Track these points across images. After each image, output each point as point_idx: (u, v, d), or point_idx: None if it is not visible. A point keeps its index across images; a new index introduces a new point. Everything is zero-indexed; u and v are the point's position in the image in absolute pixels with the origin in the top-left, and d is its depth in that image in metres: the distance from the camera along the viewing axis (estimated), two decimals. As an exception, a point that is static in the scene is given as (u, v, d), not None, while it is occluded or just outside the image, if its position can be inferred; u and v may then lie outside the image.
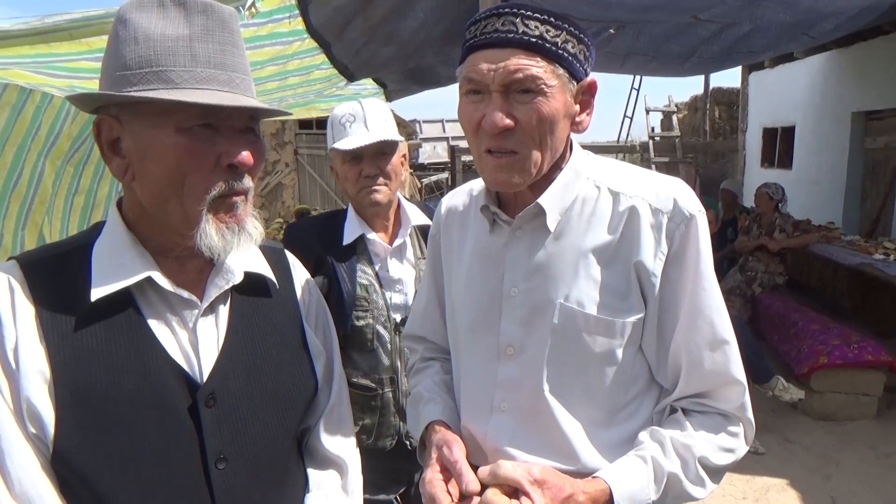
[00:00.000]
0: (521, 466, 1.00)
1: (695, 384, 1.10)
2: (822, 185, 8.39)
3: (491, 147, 1.05)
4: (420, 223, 1.91)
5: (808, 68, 8.60)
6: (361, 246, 1.86)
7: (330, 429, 1.18)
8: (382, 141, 1.76)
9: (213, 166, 0.91)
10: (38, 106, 3.49)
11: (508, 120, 1.01)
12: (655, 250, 1.06)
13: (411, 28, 3.37)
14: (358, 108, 1.81)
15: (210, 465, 0.95)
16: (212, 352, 0.99)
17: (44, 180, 3.77)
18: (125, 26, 0.89)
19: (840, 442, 4.09)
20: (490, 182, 1.10)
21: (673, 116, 12.48)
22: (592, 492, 1.00)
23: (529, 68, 1.00)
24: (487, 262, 1.18)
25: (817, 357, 4.37)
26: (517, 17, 1.00)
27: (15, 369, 0.86)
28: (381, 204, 1.81)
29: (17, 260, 0.94)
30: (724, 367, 1.09)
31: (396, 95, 5.61)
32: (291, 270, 1.19)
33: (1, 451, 0.84)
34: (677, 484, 1.05)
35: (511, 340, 1.13)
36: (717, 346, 1.08)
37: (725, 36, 4.77)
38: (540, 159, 1.06)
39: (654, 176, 1.15)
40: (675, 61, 5.51)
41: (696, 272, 1.07)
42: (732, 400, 1.11)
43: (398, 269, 1.87)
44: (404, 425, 1.85)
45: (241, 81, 0.93)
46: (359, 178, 1.79)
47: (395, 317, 1.84)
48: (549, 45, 1.01)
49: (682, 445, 1.06)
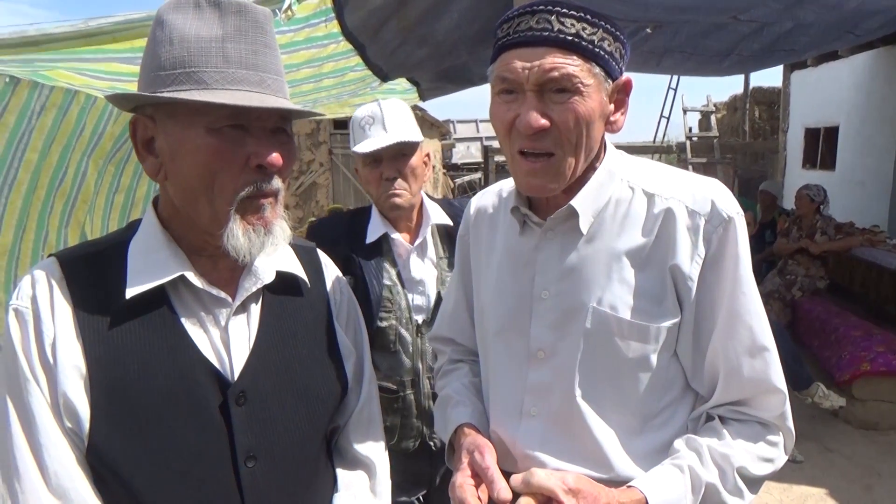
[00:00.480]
0: (556, 475, 0.97)
1: (733, 392, 1.06)
2: (867, 186, 8.14)
3: (525, 148, 1.02)
4: (439, 222, 1.89)
5: (853, 67, 8.36)
6: (386, 245, 1.85)
7: (359, 429, 1.19)
8: (400, 142, 1.74)
9: (243, 167, 0.92)
10: (83, 107, 3.59)
11: (544, 120, 0.99)
12: (692, 253, 1.03)
13: (445, 28, 3.37)
14: (377, 109, 1.80)
15: (240, 463, 0.96)
16: (243, 350, 0.99)
17: (87, 179, 3.88)
18: (162, 27, 0.90)
19: (882, 452, 3.96)
20: (523, 187, 1.08)
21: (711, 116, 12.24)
22: (628, 501, 0.97)
23: (566, 67, 0.97)
24: (518, 265, 1.16)
25: (860, 364, 4.24)
26: (552, 15, 0.98)
27: (53, 364, 0.88)
28: (402, 207, 1.80)
29: (56, 257, 0.96)
30: (763, 375, 1.05)
31: (430, 95, 5.61)
32: (323, 269, 1.19)
33: (39, 444, 0.87)
34: (715, 495, 1.02)
35: (542, 344, 1.11)
36: (756, 352, 1.05)
37: (766, 33, 4.65)
38: (574, 162, 1.04)
39: (691, 177, 1.11)
40: (713, 59, 5.39)
41: (735, 276, 1.03)
42: (772, 408, 1.07)
43: (420, 270, 1.86)
44: (426, 427, 1.84)
45: (272, 82, 0.94)
46: (380, 180, 1.78)
47: (416, 318, 1.83)
48: (585, 43, 0.98)
49: (720, 455, 1.03)
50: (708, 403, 1.09)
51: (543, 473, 0.96)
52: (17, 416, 0.87)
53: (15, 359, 0.88)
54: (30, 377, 0.88)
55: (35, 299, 0.91)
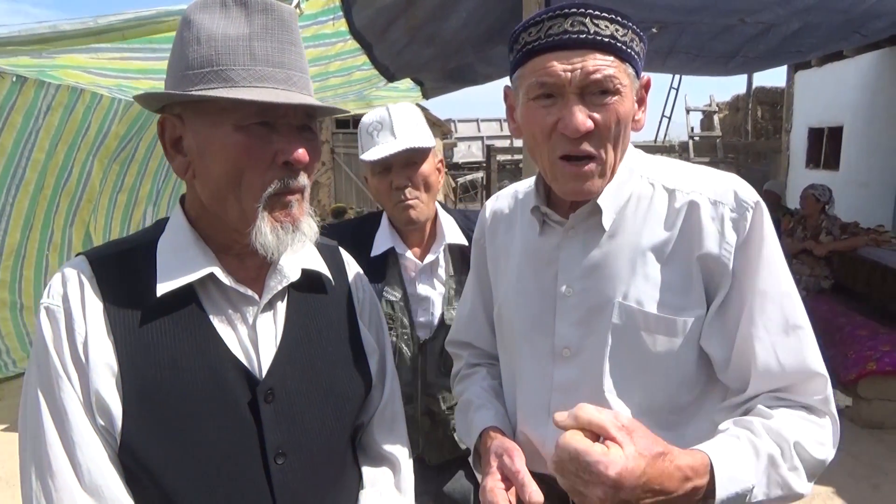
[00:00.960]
0: (607, 411, 0.88)
1: (771, 379, 1.00)
2: (872, 187, 8.14)
3: (570, 152, 1.01)
4: (455, 241, 1.77)
5: (859, 67, 8.36)
6: (392, 258, 1.75)
7: (383, 426, 1.19)
8: (410, 149, 1.63)
9: (270, 164, 0.92)
10: (88, 106, 3.59)
11: (590, 122, 0.99)
12: (720, 241, 1.02)
13: (453, 28, 3.37)
14: (385, 114, 1.70)
15: (269, 460, 0.96)
16: (270, 348, 1.00)
17: (91, 179, 3.88)
18: (189, 27, 0.91)
19: (889, 450, 3.95)
20: (566, 191, 1.06)
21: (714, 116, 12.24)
22: (693, 462, 0.87)
23: (606, 68, 0.97)
24: (539, 264, 1.16)
25: (865, 363, 4.24)
26: (586, 18, 0.98)
27: (85, 362, 0.88)
28: (417, 222, 1.69)
29: (86, 256, 0.96)
30: (799, 356, 1.00)
31: (433, 94, 5.62)
32: (346, 268, 1.20)
33: (72, 442, 0.86)
34: (777, 469, 0.91)
35: (567, 342, 1.11)
36: (789, 331, 1.00)
37: (773, 35, 4.65)
38: (614, 160, 1.04)
39: (708, 171, 1.12)
40: (718, 60, 5.39)
41: (762, 258, 1.01)
42: (814, 391, 1.00)
43: (427, 288, 1.76)
44: (422, 442, 1.80)
45: (298, 79, 0.94)
46: (390, 189, 1.68)
47: (419, 335, 1.75)
48: (620, 43, 0.99)
49: (774, 430, 0.94)
50: (744, 394, 1.03)
51: (593, 408, 0.88)
52: (50, 413, 0.87)
53: (47, 357, 0.88)
54: (62, 375, 0.88)
55: (66, 298, 0.91)
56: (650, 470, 0.83)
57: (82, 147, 3.69)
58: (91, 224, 4.16)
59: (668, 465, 0.85)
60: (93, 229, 4.21)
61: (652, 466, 0.83)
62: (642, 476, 0.82)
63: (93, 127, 3.69)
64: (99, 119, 3.72)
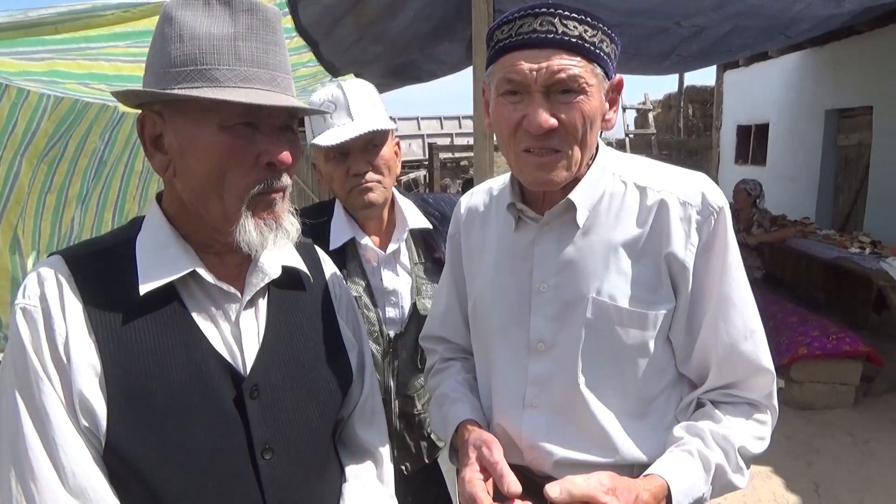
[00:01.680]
0: (592, 478, 0.97)
1: (727, 374, 1.10)
2: (797, 181, 8.56)
3: (532, 147, 1.05)
4: (418, 226, 1.66)
5: (783, 67, 8.77)
6: (351, 250, 1.61)
7: (364, 420, 1.20)
8: (371, 131, 1.49)
9: (253, 164, 0.92)
10: (14, 102, 3.41)
11: (553, 120, 1.01)
12: (686, 242, 1.07)
13: (400, 26, 3.37)
14: (339, 93, 1.54)
15: (257, 455, 0.96)
16: (253, 344, 1.00)
17: (20, 179, 3.69)
18: (171, 24, 0.89)
19: (820, 430, 4.18)
20: (530, 181, 1.09)
21: (649, 114, 12.61)
22: (653, 489, 0.99)
23: (572, 68, 1.00)
24: (515, 260, 1.18)
25: (797, 348, 4.46)
26: (555, 17, 1.00)
27: (66, 363, 0.86)
28: (377, 204, 1.56)
29: (62, 255, 0.94)
30: (754, 356, 1.09)
31: (378, 91, 5.60)
32: (322, 265, 1.20)
33: (54, 444, 0.84)
34: (723, 476, 1.05)
35: (542, 336, 1.14)
36: (748, 335, 1.09)
37: (705, 36, 4.86)
38: (580, 157, 1.07)
39: (678, 170, 1.16)
40: (655, 60, 5.58)
41: (725, 263, 1.08)
42: (761, 388, 1.11)
43: (392, 279, 1.63)
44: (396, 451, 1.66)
45: (282, 80, 0.94)
46: (346, 176, 1.54)
47: (388, 332, 1.62)
48: (588, 44, 1.01)
49: (721, 436, 1.06)
50: (700, 388, 1.13)
51: (581, 480, 0.96)
52: (30, 416, 0.85)
53: (25, 358, 0.86)
54: (42, 376, 0.86)
55: (44, 297, 0.89)
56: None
57: (9, 146, 3.50)
58: (19, 227, 3.96)
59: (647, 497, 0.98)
60: (21, 232, 4.00)
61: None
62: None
63: (20, 125, 3.50)
64: (27, 116, 3.54)
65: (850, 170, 7.72)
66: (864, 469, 3.69)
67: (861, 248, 5.41)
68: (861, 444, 3.97)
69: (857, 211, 7.48)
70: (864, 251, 5.31)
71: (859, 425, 4.20)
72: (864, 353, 4.37)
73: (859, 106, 7.27)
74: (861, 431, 4.12)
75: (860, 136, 7.35)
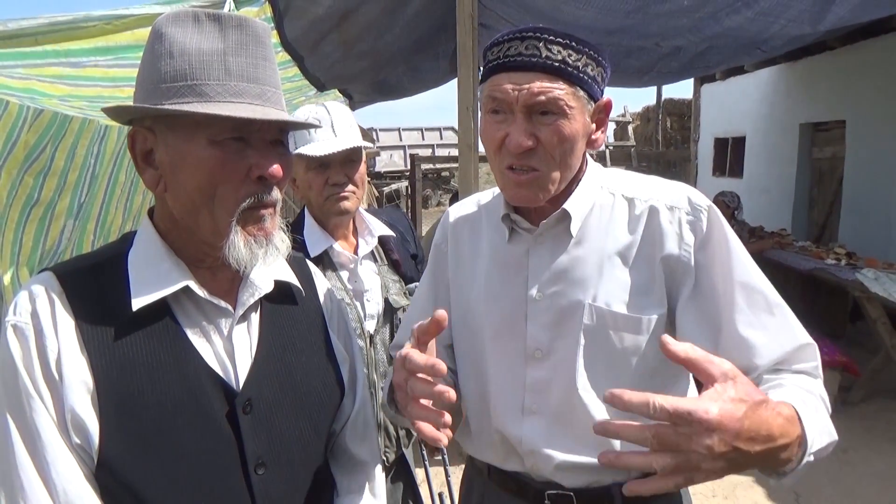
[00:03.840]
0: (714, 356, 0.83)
1: (769, 354, 1.06)
2: (772, 193, 8.72)
3: (513, 164, 1.09)
4: (384, 233, 1.88)
5: (758, 81, 8.94)
6: (327, 257, 1.79)
7: (356, 433, 1.20)
8: (352, 148, 1.70)
9: (244, 178, 0.92)
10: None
11: (530, 141, 1.06)
12: (679, 243, 1.11)
13: (385, 42, 3.39)
14: (323, 112, 1.74)
15: (250, 471, 0.96)
16: (246, 359, 1.00)
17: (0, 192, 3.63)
18: (161, 40, 0.89)
19: (799, 440, 4.23)
20: (512, 198, 1.14)
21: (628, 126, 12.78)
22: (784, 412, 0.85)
23: (552, 91, 1.04)
24: (509, 270, 1.21)
25: (776, 359, 4.51)
26: (540, 42, 1.05)
27: (58, 380, 0.86)
28: (350, 211, 1.75)
29: (53, 271, 0.93)
30: (788, 330, 1.08)
31: (360, 105, 5.63)
32: (314, 279, 1.21)
33: (46, 462, 0.84)
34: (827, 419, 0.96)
35: (539, 344, 1.16)
36: (774, 310, 1.09)
37: (684, 54, 4.96)
38: (559, 177, 1.11)
39: (661, 181, 1.21)
40: (634, 75, 5.67)
41: (730, 251, 1.10)
42: (809, 359, 1.08)
43: (365, 280, 1.82)
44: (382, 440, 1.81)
45: (272, 95, 0.94)
46: (325, 185, 1.72)
47: (367, 328, 1.79)
48: (570, 69, 1.05)
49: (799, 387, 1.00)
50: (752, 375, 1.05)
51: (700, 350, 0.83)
52: (21, 434, 0.85)
53: (16, 376, 0.86)
54: (33, 394, 0.85)
55: (35, 314, 0.88)
56: (751, 414, 0.79)
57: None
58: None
59: (769, 412, 0.82)
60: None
61: (753, 411, 0.80)
62: (744, 419, 0.78)
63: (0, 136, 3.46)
64: (7, 128, 3.49)
65: (824, 182, 7.87)
66: (845, 479, 3.74)
67: (837, 259, 5.51)
68: (840, 454, 4.02)
69: (831, 222, 7.62)
70: (840, 262, 5.41)
71: (838, 435, 4.26)
72: (841, 363, 4.44)
73: (832, 120, 7.43)
74: (840, 441, 4.15)
75: (834, 150, 7.51)
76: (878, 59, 6.54)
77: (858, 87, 6.83)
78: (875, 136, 6.60)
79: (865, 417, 4.48)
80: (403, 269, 1.93)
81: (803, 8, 3.57)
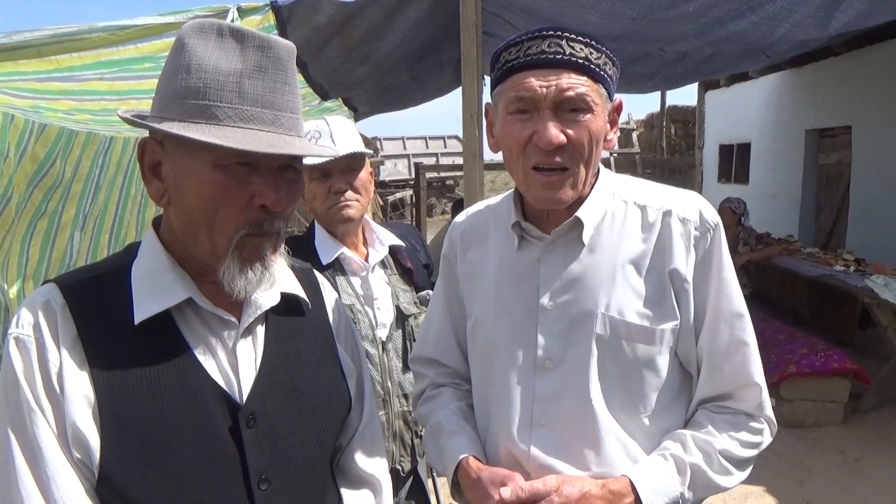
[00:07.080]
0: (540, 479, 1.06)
1: (715, 385, 1.14)
2: (779, 199, 8.68)
3: (541, 163, 1.07)
4: (394, 243, 1.88)
5: (763, 87, 8.92)
6: (338, 264, 1.80)
7: (363, 448, 1.17)
8: (350, 155, 1.70)
9: (246, 204, 0.91)
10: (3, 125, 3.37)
11: (563, 136, 1.04)
12: (686, 258, 1.11)
13: (388, 47, 3.39)
14: (323, 124, 1.77)
15: (253, 486, 0.94)
16: (250, 372, 0.98)
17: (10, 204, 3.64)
18: (182, 53, 0.89)
19: (810, 448, 4.19)
20: (538, 198, 1.12)
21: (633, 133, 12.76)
22: (609, 483, 1.06)
23: (580, 87, 1.04)
24: (519, 278, 1.18)
25: (786, 366, 4.48)
26: (563, 40, 1.05)
27: (60, 394, 0.85)
28: (354, 219, 1.76)
29: (56, 283, 0.92)
30: (742, 369, 1.13)
31: (364, 117, 5.64)
32: (322, 290, 1.19)
33: (46, 477, 0.83)
34: (702, 475, 1.09)
35: (549, 353, 1.14)
36: (736, 347, 1.12)
37: (688, 59, 4.95)
38: (585, 175, 1.10)
39: (673, 189, 1.20)
40: (639, 81, 5.67)
41: (721, 279, 1.11)
42: (750, 400, 1.14)
43: (376, 287, 1.82)
44: (397, 449, 1.80)
45: (286, 120, 0.92)
46: (328, 194, 1.73)
47: (379, 335, 1.78)
48: (594, 65, 1.06)
49: (703, 441, 1.10)
50: (694, 400, 1.17)
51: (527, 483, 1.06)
52: (21, 449, 0.83)
53: (18, 390, 0.85)
54: (35, 408, 0.84)
55: (38, 327, 0.87)
56: None
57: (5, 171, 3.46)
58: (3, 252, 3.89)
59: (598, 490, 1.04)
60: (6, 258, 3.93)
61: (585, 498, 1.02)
62: None
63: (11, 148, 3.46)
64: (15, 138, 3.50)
65: (831, 188, 7.84)
66: (857, 487, 3.69)
67: (846, 265, 5.46)
68: (852, 462, 3.98)
69: (838, 228, 7.58)
70: (849, 269, 5.36)
71: (849, 443, 4.21)
72: (852, 370, 4.39)
73: (838, 126, 7.40)
74: (851, 449, 4.13)
75: (840, 155, 7.48)
76: (883, 65, 6.52)
77: (864, 92, 6.80)
78: (882, 142, 6.57)
79: (877, 425, 4.44)
80: (416, 278, 1.92)
81: (808, 12, 3.56)
